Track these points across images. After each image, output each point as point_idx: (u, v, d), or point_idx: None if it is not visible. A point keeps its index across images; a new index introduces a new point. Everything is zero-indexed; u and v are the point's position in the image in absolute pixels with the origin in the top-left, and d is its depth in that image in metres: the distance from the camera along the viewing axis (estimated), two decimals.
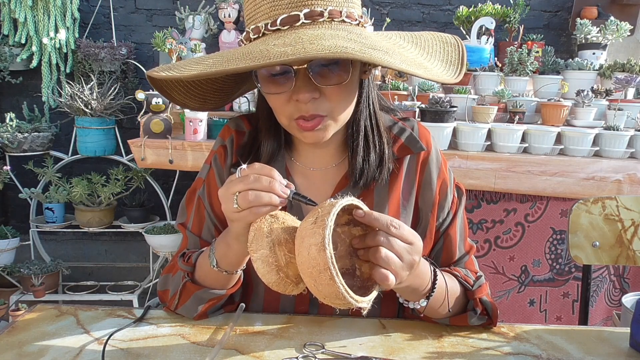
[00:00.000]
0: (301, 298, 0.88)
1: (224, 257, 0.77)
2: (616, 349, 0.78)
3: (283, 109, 0.77)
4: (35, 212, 2.63)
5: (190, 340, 0.76)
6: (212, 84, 0.89)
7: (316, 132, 0.77)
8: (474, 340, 0.78)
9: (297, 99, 0.73)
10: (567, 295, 2.04)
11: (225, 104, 0.96)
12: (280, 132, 0.87)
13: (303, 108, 0.74)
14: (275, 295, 0.88)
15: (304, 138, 0.80)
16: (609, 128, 1.99)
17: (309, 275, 0.60)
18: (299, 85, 0.72)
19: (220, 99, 0.93)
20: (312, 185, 0.89)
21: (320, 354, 0.72)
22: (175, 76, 0.71)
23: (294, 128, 0.78)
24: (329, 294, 0.60)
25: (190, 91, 0.87)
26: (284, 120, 0.79)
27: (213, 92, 0.91)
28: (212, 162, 0.93)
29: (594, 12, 2.60)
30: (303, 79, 0.72)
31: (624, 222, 1.20)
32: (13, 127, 2.47)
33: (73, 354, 0.71)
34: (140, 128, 2.16)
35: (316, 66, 0.71)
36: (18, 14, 2.47)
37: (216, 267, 0.78)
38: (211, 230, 0.90)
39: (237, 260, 0.78)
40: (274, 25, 0.69)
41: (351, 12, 0.73)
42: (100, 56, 2.54)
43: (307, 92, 0.72)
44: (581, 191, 1.91)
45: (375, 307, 0.91)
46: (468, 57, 2.41)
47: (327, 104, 0.75)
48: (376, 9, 2.84)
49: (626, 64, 2.14)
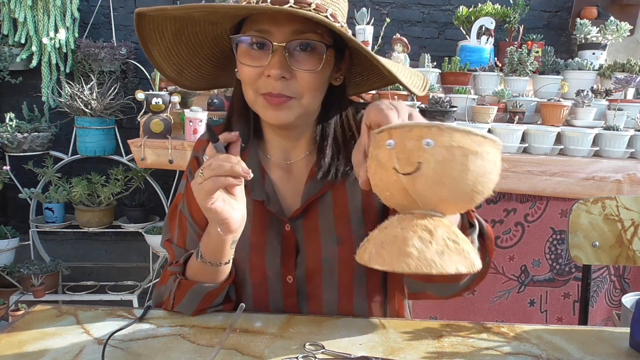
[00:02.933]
0: (288, 289, 0.89)
1: (206, 247, 0.80)
2: (616, 349, 0.77)
3: (253, 83, 0.79)
4: (35, 212, 2.63)
5: (190, 340, 0.76)
6: (192, 56, 0.89)
7: (280, 110, 0.79)
8: (474, 340, 0.78)
9: (269, 74, 0.76)
10: (567, 296, 2.04)
11: (198, 88, 0.97)
12: (251, 118, 0.89)
13: (272, 84, 0.77)
14: (263, 289, 0.90)
15: (267, 117, 0.81)
16: (609, 128, 1.99)
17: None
18: (273, 62, 0.75)
19: (196, 78, 0.93)
20: (290, 177, 0.91)
21: (320, 354, 0.72)
22: (161, 12, 0.75)
23: (260, 104, 0.80)
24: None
25: (170, 54, 0.87)
26: (251, 94, 0.80)
27: (191, 66, 0.91)
28: (187, 176, 0.95)
29: (593, 12, 2.60)
30: (279, 57, 0.75)
31: (624, 222, 1.20)
32: (13, 127, 2.47)
33: (73, 354, 0.71)
34: (140, 128, 2.16)
35: (293, 48, 0.76)
36: (18, 13, 2.47)
37: (200, 259, 0.80)
38: (194, 239, 0.91)
39: (217, 249, 0.79)
40: (264, 2, 0.74)
41: (335, 13, 0.77)
42: (100, 56, 2.54)
43: (280, 69, 0.75)
44: (581, 191, 1.91)
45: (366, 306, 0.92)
46: (468, 57, 2.43)
47: (296, 87, 0.78)
48: (376, 9, 2.84)
49: (626, 64, 2.14)
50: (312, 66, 0.77)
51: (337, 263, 0.88)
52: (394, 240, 0.55)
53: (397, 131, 0.55)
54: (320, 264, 0.88)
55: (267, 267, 0.89)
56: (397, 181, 0.54)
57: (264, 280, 0.90)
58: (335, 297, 0.90)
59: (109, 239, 2.90)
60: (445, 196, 0.54)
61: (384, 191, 0.58)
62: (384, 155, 0.56)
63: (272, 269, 0.89)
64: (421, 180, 0.53)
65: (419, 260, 0.52)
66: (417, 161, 0.53)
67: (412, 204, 0.56)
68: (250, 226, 0.87)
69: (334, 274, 0.88)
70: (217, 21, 0.83)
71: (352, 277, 0.89)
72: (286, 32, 0.76)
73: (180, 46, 0.86)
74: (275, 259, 0.88)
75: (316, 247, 0.88)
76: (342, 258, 0.87)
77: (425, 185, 0.53)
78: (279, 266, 0.89)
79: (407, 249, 0.53)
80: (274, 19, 0.76)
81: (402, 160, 0.54)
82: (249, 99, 0.82)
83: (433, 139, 0.52)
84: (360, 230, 0.88)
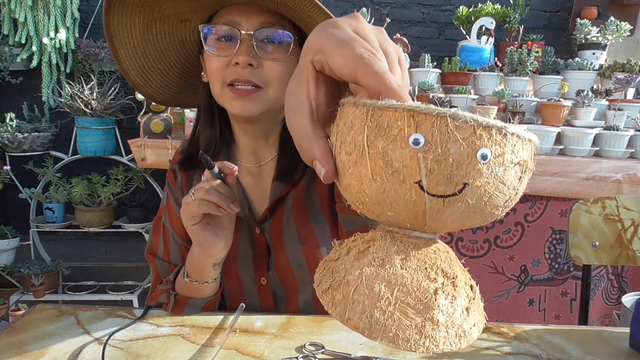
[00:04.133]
0: (263, 292, 0.90)
1: (190, 265, 0.81)
2: (616, 349, 0.78)
3: (219, 73, 0.79)
4: (35, 212, 2.63)
5: (190, 340, 0.76)
6: (159, 61, 0.88)
7: (246, 101, 0.78)
8: (474, 341, 0.79)
9: (236, 61, 0.76)
10: (565, 294, 2.04)
11: (162, 99, 0.95)
12: (216, 123, 0.89)
13: (239, 71, 0.77)
14: (239, 292, 0.91)
15: (234, 108, 0.80)
16: (609, 128, 1.99)
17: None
18: (241, 49, 0.76)
19: (160, 87, 0.92)
20: (259, 181, 0.90)
21: (320, 354, 0.72)
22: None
23: (227, 96, 0.79)
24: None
25: (136, 54, 0.86)
26: (218, 86, 0.80)
27: (157, 72, 0.89)
28: (167, 189, 0.96)
29: (594, 12, 2.61)
30: (246, 45, 0.76)
31: (624, 222, 1.20)
32: (13, 127, 2.47)
33: (73, 354, 0.71)
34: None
35: (260, 39, 0.77)
36: (18, 14, 2.47)
37: (187, 278, 0.82)
38: (176, 252, 0.92)
39: (200, 269, 0.80)
40: None
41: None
42: (100, 56, 2.54)
43: (247, 56, 0.76)
44: (581, 191, 1.91)
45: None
46: (468, 57, 2.43)
47: (262, 76, 0.78)
48: (376, 9, 2.84)
49: (626, 64, 2.14)
50: (279, 55, 0.78)
51: (306, 263, 0.87)
52: (400, 293, 0.35)
53: (429, 121, 0.31)
54: (290, 265, 0.87)
55: (240, 271, 0.89)
56: (415, 200, 0.33)
57: (238, 285, 0.90)
58: (311, 297, 0.89)
59: (109, 239, 2.90)
60: (470, 224, 0.36)
61: (375, 202, 0.35)
62: (399, 155, 0.32)
63: (246, 272, 0.89)
64: (457, 207, 0.34)
65: (447, 331, 0.36)
66: (464, 181, 0.32)
67: (416, 226, 0.36)
68: None
69: (306, 275, 0.87)
70: (187, 18, 0.82)
71: None
72: (254, 23, 0.77)
73: (148, 46, 0.85)
74: (247, 262, 0.89)
75: (283, 249, 0.88)
76: (310, 258, 0.86)
77: (458, 212, 0.34)
78: (252, 270, 0.89)
79: (433, 314, 0.35)
80: (244, 11, 0.77)
81: (439, 175, 0.32)
82: (216, 93, 0.81)
83: (491, 148, 0.32)
84: (323, 226, 0.87)
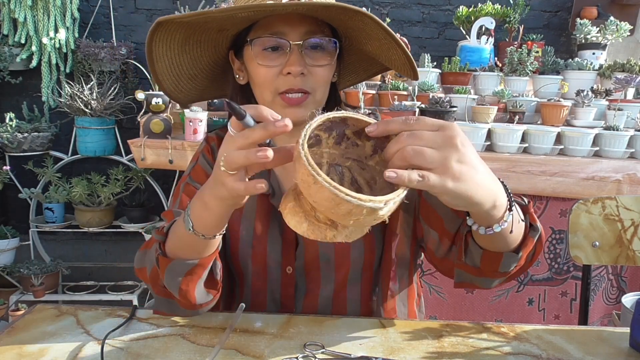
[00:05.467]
0: (286, 280, 0.91)
1: (200, 219, 0.69)
2: (616, 349, 0.78)
3: (270, 83, 0.82)
4: (35, 212, 2.63)
5: (190, 340, 0.76)
6: (191, 67, 0.90)
7: (299, 108, 0.82)
8: (474, 340, 0.79)
9: (289, 71, 0.80)
10: (565, 294, 2.04)
11: (188, 100, 0.97)
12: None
13: (292, 81, 0.80)
14: (262, 278, 0.91)
15: (286, 115, 0.77)
16: (609, 128, 1.99)
17: (307, 195, 0.53)
18: (292, 59, 0.80)
19: (189, 89, 0.94)
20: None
21: (320, 354, 0.72)
22: (186, 17, 0.75)
23: (278, 103, 0.83)
24: (327, 203, 0.51)
25: (172, 65, 0.87)
26: (269, 95, 0.83)
27: (187, 77, 0.92)
28: (198, 159, 0.96)
29: (593, 12, 2.61)
30: (296, 55, 0.80)
31: (624, 222, 1.20)
32: (13, 127, 2.47)
33: (73, 354, 0.71)
34: (140, 128, 2.16)
35: (307, 47, 0.81)
36: (18, 13, 2.47)
37: (192, 231, 0.70)
38: None
39: (215, 222, 0.70)
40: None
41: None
42: (100, 56, 2.54)
43: (300, 66, 0.80)
44: (581, 191, 1.91)
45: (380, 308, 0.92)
46: (468, 57, 2.43)
47: (312, 82, 0.82)
48: (376, 9, 2.84)
49: (626, 64, 2.14)
50: (326, 62, 0.83)
51: (333, 259, 0.89)
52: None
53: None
54: (318, 258, 0.89)
55: (268, 256, 0.90)
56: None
57: (264, 269, 0.91)
58: (331, 294, 0.91)
59: (109, 239, 2.90)
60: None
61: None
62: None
63: (273, 257, 0.90)
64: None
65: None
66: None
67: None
68: (255, 217, 0.90)
69: (331, 270, 0.89)
70: (226, 27, 0.84)
71: (347, 275, 0.90)
72: (300, 32, 0.80)
73: (183, 55, 0.88)
74: (276, 248, 0.90)
75: (313, 241, 0.86)
76: (340, 254, 0.88)
77: None
78: (280, 255, 0.90)
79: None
80: (287, 20, 0.80)
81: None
82: (266, 101, 0.84)
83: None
84: None
